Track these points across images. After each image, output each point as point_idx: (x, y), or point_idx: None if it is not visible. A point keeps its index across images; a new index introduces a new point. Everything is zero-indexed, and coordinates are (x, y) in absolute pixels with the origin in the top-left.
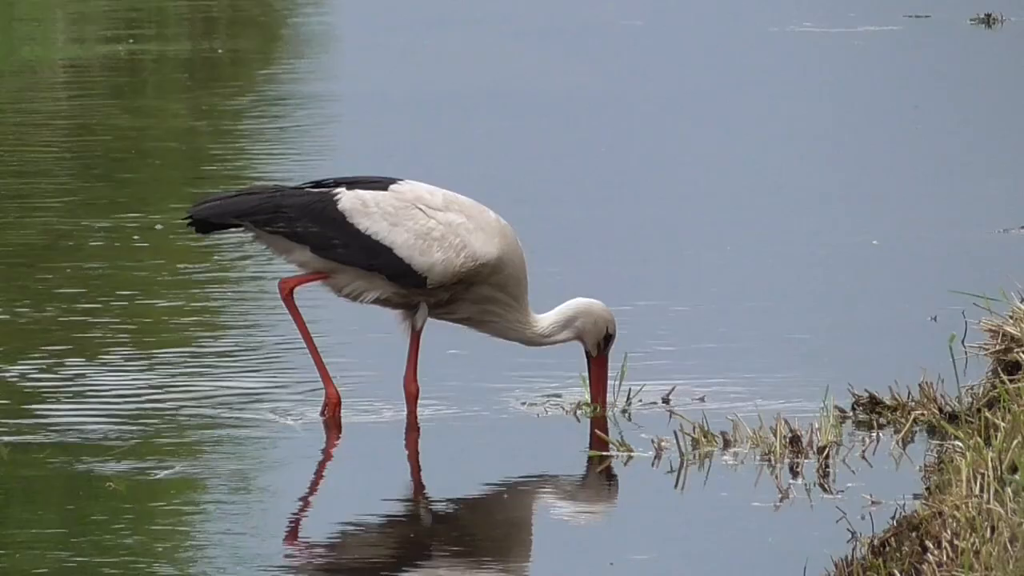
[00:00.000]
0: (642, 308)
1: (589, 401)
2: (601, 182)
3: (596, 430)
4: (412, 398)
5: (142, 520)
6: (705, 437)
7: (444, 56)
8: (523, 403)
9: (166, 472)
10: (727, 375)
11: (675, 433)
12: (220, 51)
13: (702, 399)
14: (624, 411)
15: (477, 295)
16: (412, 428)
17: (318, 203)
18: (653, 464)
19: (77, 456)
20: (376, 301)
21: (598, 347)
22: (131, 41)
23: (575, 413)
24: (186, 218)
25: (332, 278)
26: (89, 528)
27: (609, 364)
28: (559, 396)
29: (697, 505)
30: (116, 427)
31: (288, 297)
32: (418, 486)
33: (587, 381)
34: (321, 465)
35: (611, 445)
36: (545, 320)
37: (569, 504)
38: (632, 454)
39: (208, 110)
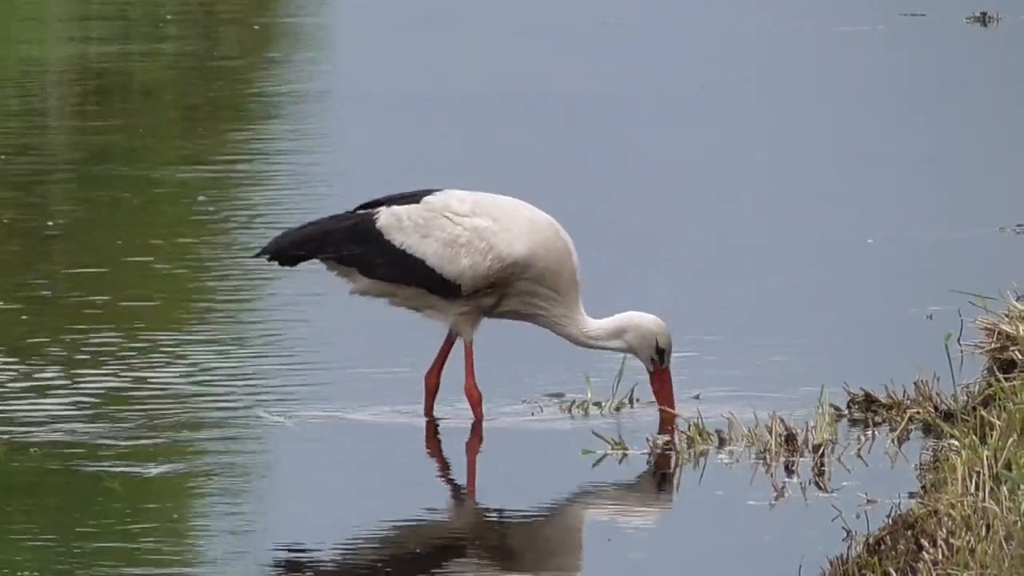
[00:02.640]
0: (639, 307)
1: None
2: (600, 180)
3: (592, 429)
4: (476, 403)
5: (139, 519)
6: (700, 435)
7: (444, 56)
8: (523, 400)
9: (159, 469)
10: (723, 373)
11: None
12: (219, 50)
13: (697, 397)
14: (619, 408)
15: (518, 289)
16: (476, 433)
17: (360, 224)
18: (648, 462)
19: (75, 456)
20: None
21: (652, 361)
22: (147, 41)
23: (571, 411)
24: (257, 255)
25: (395, 300)
26: (86, 528)
27: (672, 378)
28: (561, 395)
29: (692, 503)
30: (113, 426)
31: (433, 384)
32: (414, 485)
33: (617, 380)
34: (318, 464)
35: (606, 443)
36: (594, 324)
37: (565, 503)
38: (627, 452)
39: (208, 107)
